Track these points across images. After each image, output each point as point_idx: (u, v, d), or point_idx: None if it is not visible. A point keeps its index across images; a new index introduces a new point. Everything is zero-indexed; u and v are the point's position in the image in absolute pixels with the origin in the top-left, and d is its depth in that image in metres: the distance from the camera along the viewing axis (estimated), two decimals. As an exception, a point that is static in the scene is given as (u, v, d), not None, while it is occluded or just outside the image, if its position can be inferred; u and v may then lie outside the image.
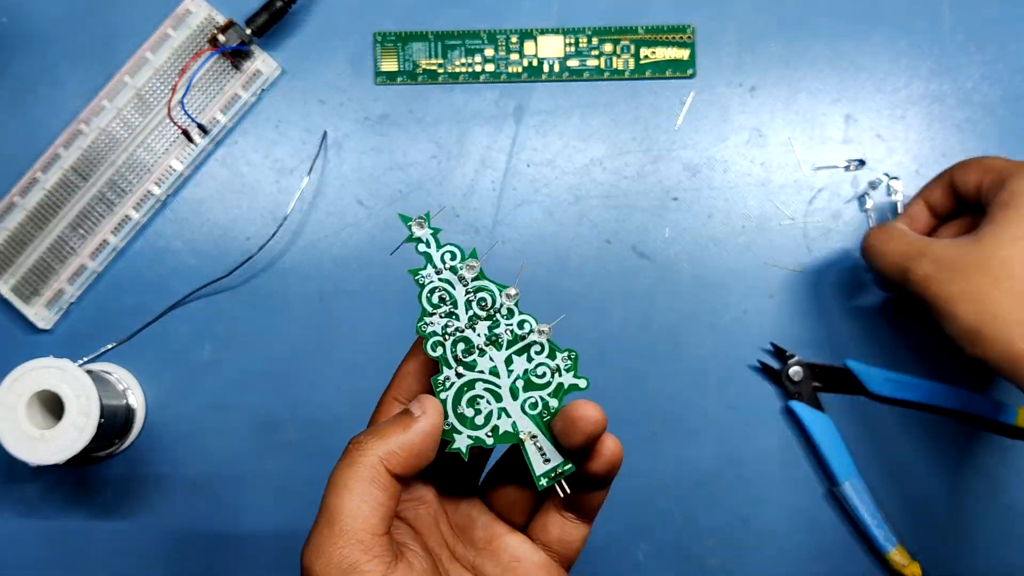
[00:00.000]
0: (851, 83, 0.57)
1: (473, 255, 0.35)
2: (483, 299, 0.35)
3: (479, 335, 0.35)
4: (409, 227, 0.35)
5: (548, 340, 0.35)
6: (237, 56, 0.56)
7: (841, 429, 0.55)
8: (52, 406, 0.51)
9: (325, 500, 0.32)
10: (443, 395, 0.34)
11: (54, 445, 0.49)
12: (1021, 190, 0.44)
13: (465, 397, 0.34)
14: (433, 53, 0.57)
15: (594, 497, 0.37)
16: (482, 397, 0.34)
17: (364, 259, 0.56)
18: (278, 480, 0.55)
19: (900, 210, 0.55)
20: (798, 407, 0.55)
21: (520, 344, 0.35)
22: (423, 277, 0.35)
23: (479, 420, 0.34)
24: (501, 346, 0.35)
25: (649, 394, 0.55)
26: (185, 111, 0.55)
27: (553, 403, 0.35)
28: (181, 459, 0.55)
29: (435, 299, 0.35)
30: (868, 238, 0.50)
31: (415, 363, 0.36)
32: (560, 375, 0.35)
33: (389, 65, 0.57)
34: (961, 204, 0.50)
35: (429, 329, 0.34)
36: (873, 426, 0.55)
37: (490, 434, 0.34)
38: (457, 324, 0.35)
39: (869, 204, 0.56)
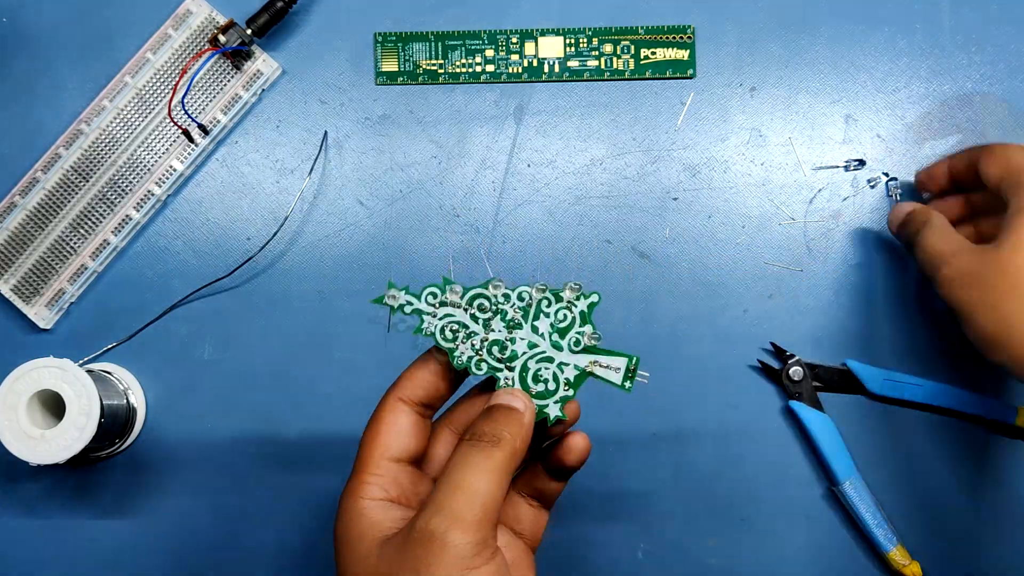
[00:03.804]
0: (851, 83, 0.57)
1: (447, 282, 0.38)
2: (481, 304, 0.38)
3: (500, 331, 0.37)
4: (387, 304, 0.38)
5: (547, 291, 0.38)
6: (238, 56, 0.56)
7: (841, 429, 0.55)
8: (52, 406, 0.51)
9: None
10: None
11: (54, 445, 0.49)
12: None
13: (529, 379, 0.37)
14: (433, 53, 0.57)
15: (556, 488, 0.40)
16: (540, 370, 0.37)
17: (364, 259, 0.56)
18: (278, 480, 0.55)
19: (896, 198, 0.55)
20: (798, 407, 0.55)
21: (532, 310, 0.38)
22: (428, 327, 0.38)
23: (551, 386, 0.37)
24: (521, 325, 0.38)
25: (649, 394, 0.55)
26: (186, 111, 0.55)
27: (588, 328, 0.38)
28: (181, 459, 0.55)
29: (448, 334, 0.37)
30: (909, 224, 0.51)
31: (426, 372, 0.38)
32: (576, 306, 0.38)
33: (389, 65, 0.57)
34: (978, 182, 0.50)
35: (465, 357, 0.37)
36: (873, 426, 0.55)
37: (567, 387, 0.38)
38: (479, 337, 0.37)
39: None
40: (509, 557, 0.38)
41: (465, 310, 0.38)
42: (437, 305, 0.38)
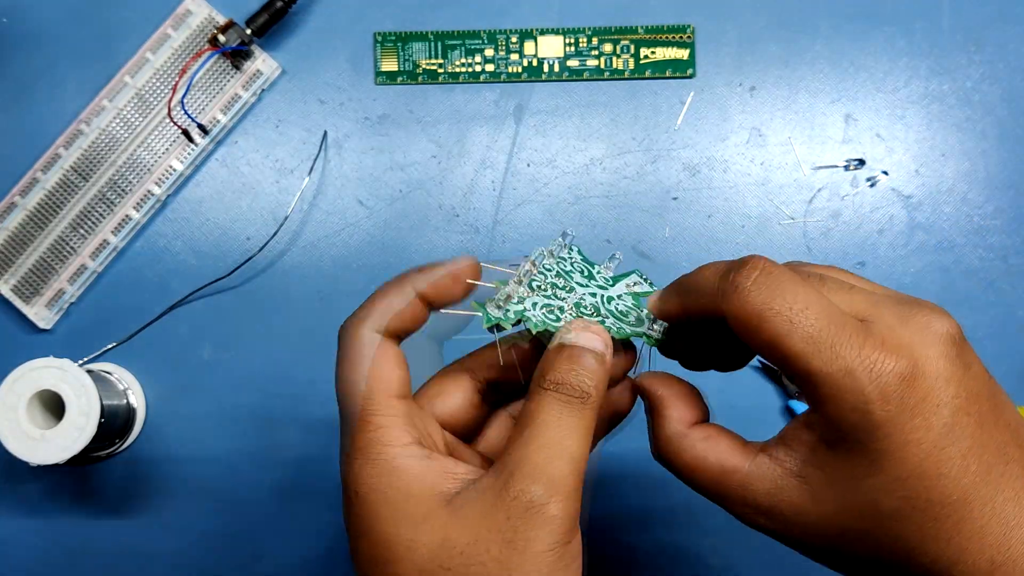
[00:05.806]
0: (851, 83, 0.57)
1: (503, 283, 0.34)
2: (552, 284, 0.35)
3: (569, 292, 0.35)
4: (502, 317, 0.33)
5: (556, 256, 0.36)
6: (237, 56, 0.56)
7: (841, 429, 0.55)
8: (52, 406, 0.51)
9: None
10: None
11: (54, 445, 0.49)
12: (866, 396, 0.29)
13: (619, 313, 0.37)
14: (433, 53, 0.57)
15: (600, 435, 0.37)
16: (613, 306, 0.37)
17: (364, 259, 0.56)
18: (278, 480, 0.55)
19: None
20: (798, 406, 0.55)
21: (564, 277, 0.36)
22: (535, 320, 0.33)
23: (632, 301, 0.38)
24: (573, 287, 0.36)
25: (649, 394, 0.55)
26: (185, 111, 0.55)
27: (598, 268, 0.37)
28: (181, 459, 0.55)
29: (553, 315, 0.34)
30: (670, 442, 0.36)
31: (405, 301, 0.35)
32: (573, 259, 0.37)
33: (389, 65, 0.57)
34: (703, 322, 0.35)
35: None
36: (873, 426, 0.55)
37: (636, 303, 0.38)
38: (570, 302, 0.35)
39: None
40: None
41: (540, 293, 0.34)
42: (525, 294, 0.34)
